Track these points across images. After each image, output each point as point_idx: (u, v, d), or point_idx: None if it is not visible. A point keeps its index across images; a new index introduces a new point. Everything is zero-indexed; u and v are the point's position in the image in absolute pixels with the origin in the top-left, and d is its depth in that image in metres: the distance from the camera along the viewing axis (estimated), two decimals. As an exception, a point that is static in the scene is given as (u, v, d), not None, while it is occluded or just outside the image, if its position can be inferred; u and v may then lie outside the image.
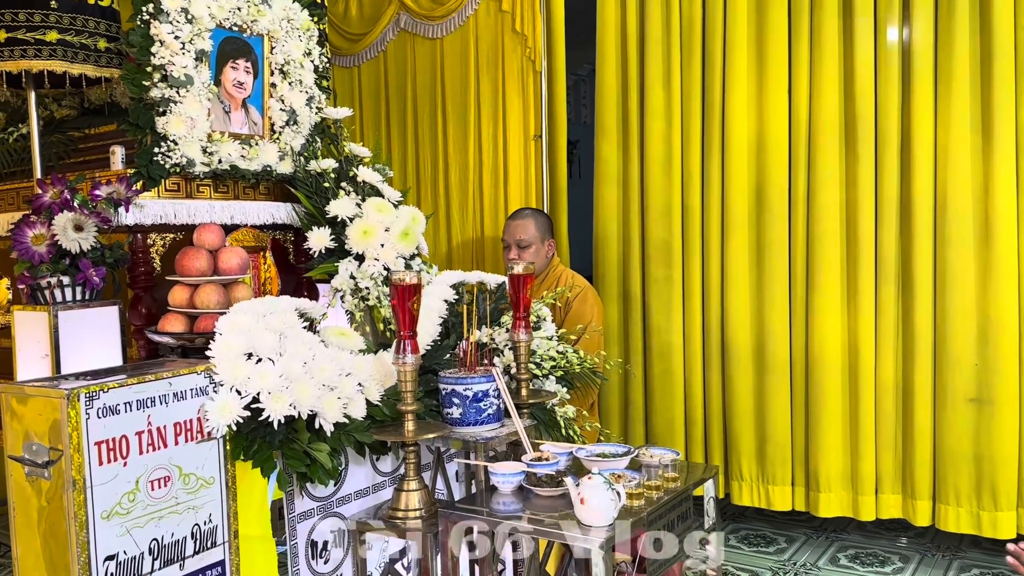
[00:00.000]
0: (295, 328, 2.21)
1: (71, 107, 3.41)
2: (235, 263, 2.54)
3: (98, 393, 1.75)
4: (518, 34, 4.31)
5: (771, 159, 3.84)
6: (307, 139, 3.05)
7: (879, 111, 3.66)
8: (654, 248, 4.11)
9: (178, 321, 2.46)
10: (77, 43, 2.90)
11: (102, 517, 1.76)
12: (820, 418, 3.78)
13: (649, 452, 2.27)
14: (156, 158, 2.62)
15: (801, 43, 3.77)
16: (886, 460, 3.71)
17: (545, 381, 2.83)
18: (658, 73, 4.05)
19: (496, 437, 2.30)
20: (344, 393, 2.16)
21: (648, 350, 4.18)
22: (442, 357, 2.61)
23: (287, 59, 2.97)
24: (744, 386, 3.93)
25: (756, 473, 3.95)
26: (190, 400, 1.95)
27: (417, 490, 2.17)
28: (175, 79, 2.63)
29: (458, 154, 4.57)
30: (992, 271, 3.46)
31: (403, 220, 2.87)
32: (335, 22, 4.86)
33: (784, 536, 4.08)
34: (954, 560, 3.75)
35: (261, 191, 2.99)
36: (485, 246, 4.51)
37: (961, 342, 3.53)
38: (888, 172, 3.64)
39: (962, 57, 3.47)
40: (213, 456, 2.01)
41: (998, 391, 3.47)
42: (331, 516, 2.31)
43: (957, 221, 3.51)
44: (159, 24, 2.60)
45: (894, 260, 3.66)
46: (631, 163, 4.18)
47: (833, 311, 3.74)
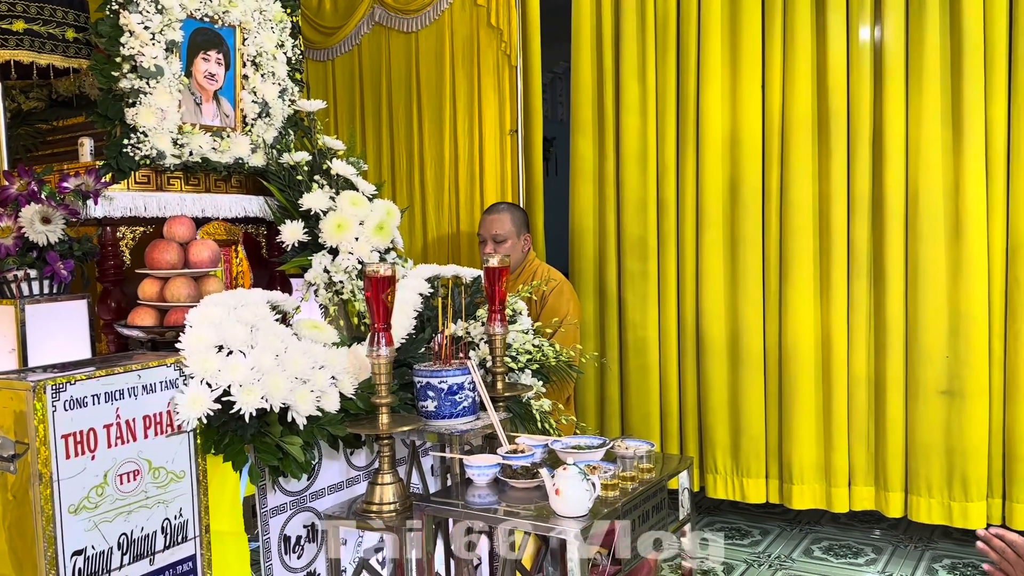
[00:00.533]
0: (267, 321, 2.19)
1: (39, 99, 3.36)
2: (206, 256, 2.51)
3: (65, 385, 1.72)
4: (493, 28, 4.30)
5: (745, 154, 3.86)
6: (280, 132, 3.02)
7: (851, 107, 3.69)
8: (629, 243, 4.12)
9: (148, 315, 2.43)
10: (45, 33, 2.85)
11: (69, 511, 1.73)
12: (794, 411, 3.81)
13: (624, 444, 2.28)
14: (126, 150, 2.59)
15: (774, 39, 3.79)
16: (859, 452, 3.75)
17: (521, 375, 2.82)
18: (633, 68, 4.06)
19: (471, 430, 2.29)
20: (317, 386, 2.14)
21: (624, 344, 4.19)
22: (417, 350, 2.60)
23: (259, 51, 2.94)
24: (719, 379, 3.95)
25: (731, 466, 3.97)
26: (160, 393, 1.92)
27: (392, 483, 2.16)
28: (145, 70, 2.59)
29: (433, 148, 4.55)
30: (962, 265, 3.50)
31: (378, 214, 2.86)
32: (308, 15, 4.83)
33: (758, 528, 4.10)
34: (926, 551, 3.79)
35: (233, 184, 2.95)
36: (461, 241, 4.49)
37: (932, 335, 3.57)
38: (860, 167, 3.67)
39: (932, 54, 3.50)
40: (184, 450, 1.98)
41: (968, 384, 3.51)
42: (304, 511, 2.29)
43: (928, 216, 3.55)
44: (129, 14, 2.56)
45: (866, 254, 3.69)
46: (607, 159, 4.18)
47: (806, 305, 3.76)
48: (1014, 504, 3.49)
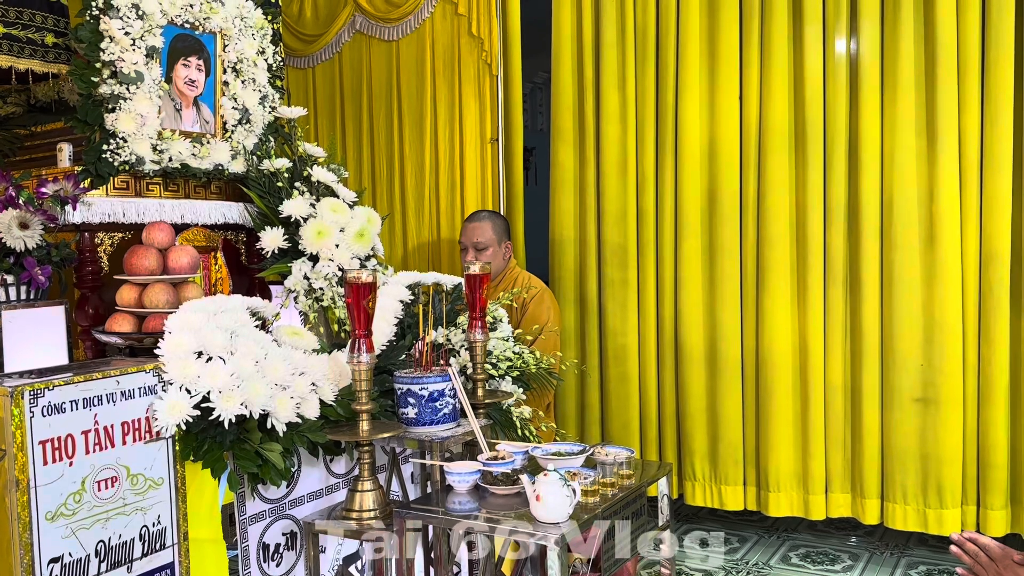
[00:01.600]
0: (247, 327, 2.19)
1: (17, 104, 3.32)
2: (185, 262, 2.50)
3: (43, 391, 1.71)
4: (474, 37, 4.32)
5: (723, 163, 3.89)
6: (260, 138, 3.01)
7: (827, 116, 3.73)
8: (610, 251, 4.14)
9: (126, 321, 2.42)
10: (24, 37, 2.84)
11: (46, 518, 1.72)
12: (771, 418, 3.83)
13: (604, 450, 2.29)
14: (105, 155, 2.57)
15: (752, 50, 3.83)
16: (836, 459, 3.78)
17: (501, 382, 2.83)
18: (613, 78, 4.09)
19: (452, 437, 2.29)
20: (297, 392, 2.14)
21: (604, 352, 4.20)
22: (397, 357, 2.60)
23: (240, 57, 2.93)
24: (697, 387, 3.98)
25: (709, 473, 3.99)
26: (138, 399, 1.91)
27: (372, 490, 2.16)
28: (125, 76, 2.58)
29: (414, 156, 4.56)
30: (936, 274, 3.55)
31: (358, 221, 2.86)
32: (289, 23, 4.82)
33: (736, 536, 4.13)
34: (902, 558, 3.83)
35: (212, 190, 2.95)
36: (441, 248, 4.50)
37: (907, 343, 3.61)
38: (836, 176, 3.72)
39: (907, 64, 3.56)
40: (162, 456, 1.97)
41: (942, 391, 3.55)
42: (283, 518, 2.28)
43: (903, 224, 3.60)
44: (109, 20, 2.55)
45: (842, 262, 3.73)
46: (587, 168, 4.21)
47: (783, 312, 3.80)
48: (988, 511, 3.53)
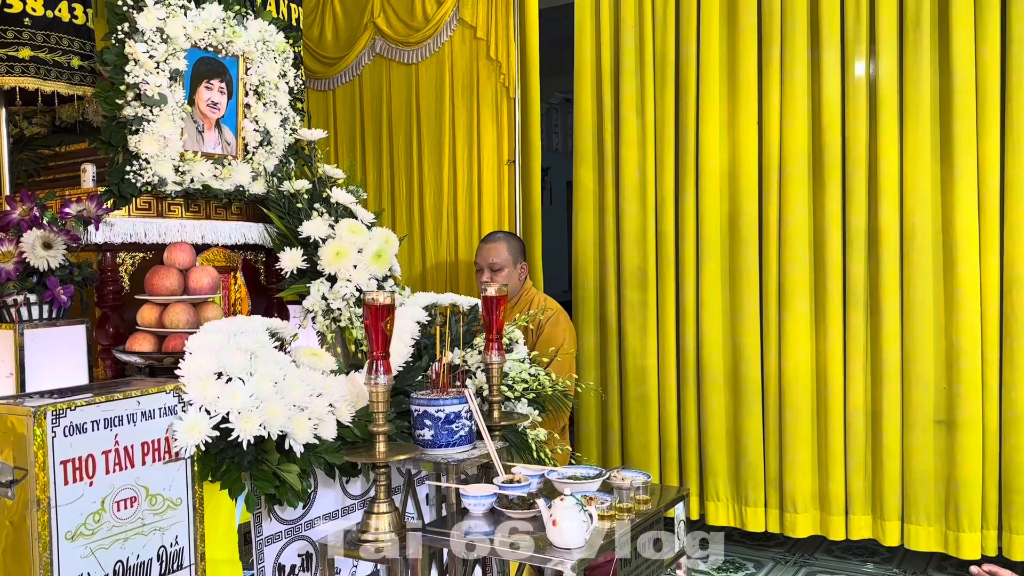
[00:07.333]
0: (266, 348, 2.20)
1: (42, 125, 3.38)
2: (206, 282, 2.52)
3: (65, 411, 1.73)
4: (493, 61, 4.35)
5: (743, 187, 3.90)
6: (281, 160, 3.04)
7: (847, 141, 3.73)
8: (629, 273, 4.15)
9: (146, 341, 2.44)
10: (50, 60, 2.89)
11: (66, 538, 1.72)
12: (792, 440, 3.82)
13: (620, 475, 2.28)
14: (128, 176, 2.60)
15: (771, 76, 3.84)
16: (856, 481, 3.75)
17: (517, 403, 2.82)
18: (632, 103, 4.12)
19: (468, 459, 2.29)
20: (315, 414, 2.14)
21: (624, 373, 4.21)
22: (414, 378, 2.61)
23: (262, 80, 2.97)
24: (718, 408, 3.97)
25: (730, 494, 3.98)
26: (158, 419, 1.92)
27: (387, 512, 2.15)
28: (149, 98, 2.62)
29: (433, 177, 4.59)
30: (955, 297, 3.53)
31: (376, 241, 2.87)
32: (310, 46, 4.88)
33: (753, 561, 4.08)
34: (922, 585, 3.78)
35: (233, 211, 2.97)
36: (459, 269, 4.51)
37: (927, 366, 3.59)
38: (856, 201, 3.71)
39: (925, 90, 3.56)
40: (181, 477, 1.98)
41: (962, 414, 3.52)
42: (299, 539, 2.28)
43: (922, 249, 3.58)
44: (134, 43, 2.59)
45: (862, 286, 3.72)
46: (607, 190, 4.23)
47: (804, 335, 3.79)
48: (1012, 535, 3.49)
